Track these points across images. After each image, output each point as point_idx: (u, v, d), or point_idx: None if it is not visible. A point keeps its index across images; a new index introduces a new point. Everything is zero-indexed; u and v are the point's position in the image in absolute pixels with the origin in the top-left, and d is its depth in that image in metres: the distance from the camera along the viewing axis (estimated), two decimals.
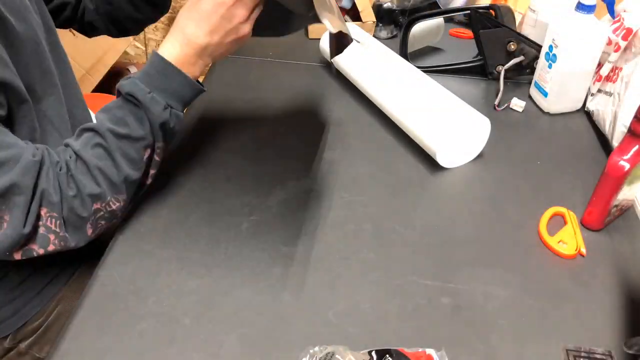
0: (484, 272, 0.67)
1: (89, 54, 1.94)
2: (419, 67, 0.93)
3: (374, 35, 1.14)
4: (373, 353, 0.55)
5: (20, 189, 0.56)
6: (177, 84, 0.63)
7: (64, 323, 0.60)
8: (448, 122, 0.81)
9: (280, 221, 0.72)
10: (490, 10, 1.02)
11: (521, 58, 0.99)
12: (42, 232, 0.58)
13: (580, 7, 0.85)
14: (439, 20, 1.11)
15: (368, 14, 1.14)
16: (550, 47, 0.90)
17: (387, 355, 0.54)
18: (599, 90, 0.92)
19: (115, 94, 0.63)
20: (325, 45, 1.02)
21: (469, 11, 1.01)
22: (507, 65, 0.98)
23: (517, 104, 0.96)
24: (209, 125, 0.90)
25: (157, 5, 0.87)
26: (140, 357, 0.56)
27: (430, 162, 0.82)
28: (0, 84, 0.58)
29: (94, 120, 0.64)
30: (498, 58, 1.00)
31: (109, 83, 2.10)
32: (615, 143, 0.84)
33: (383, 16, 1.16)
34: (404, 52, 1.04)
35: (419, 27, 1.05)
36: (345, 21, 1.19)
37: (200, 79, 0.70)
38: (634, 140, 0.65)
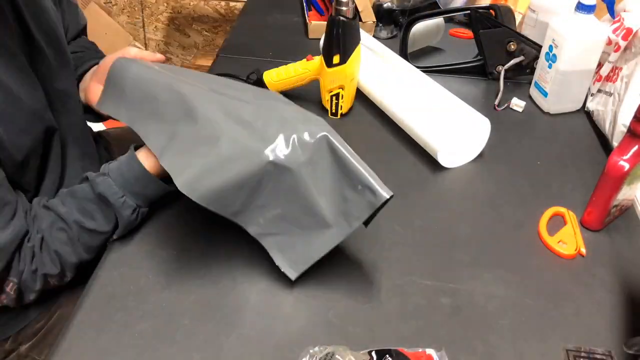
0: (484, 272, 0.67)
1: None
2: (419, 67, 0.93)
3: (374, 35, 1.14)
4: (373, 353, 0.55)
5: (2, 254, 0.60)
6: (150, 191, 0.67)
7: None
8: (448, 122, 0.81)
9: None
10: (490, 10, 1.02)
11: (521, 58, 0.99)
12: None
13: (580, 7, 0.85)
14: (439, 20, 1.11)
15: (368, 14, 1.14)
16: (550, 47, 0.90)
17: (387, 355, 0.54)
18: (599, 90, 0.93)
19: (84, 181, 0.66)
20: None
21: (469, 11, 1.01)
22: (507, 65, 0.98)
23: (517, 104, 0.96)
24: None
25: None
26: (140, 357, 0.56)
27: (430, 162, 0.82)
28: None
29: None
30: (498, 58, 1.00)
31: None
32: (615, 143, 0.84)
33: (383, 16, 1.16)
34: (404, 52, 1.04)
35: (419, 27, 1.04)
36: None
37: None
38: (633, 140, 0.65)
